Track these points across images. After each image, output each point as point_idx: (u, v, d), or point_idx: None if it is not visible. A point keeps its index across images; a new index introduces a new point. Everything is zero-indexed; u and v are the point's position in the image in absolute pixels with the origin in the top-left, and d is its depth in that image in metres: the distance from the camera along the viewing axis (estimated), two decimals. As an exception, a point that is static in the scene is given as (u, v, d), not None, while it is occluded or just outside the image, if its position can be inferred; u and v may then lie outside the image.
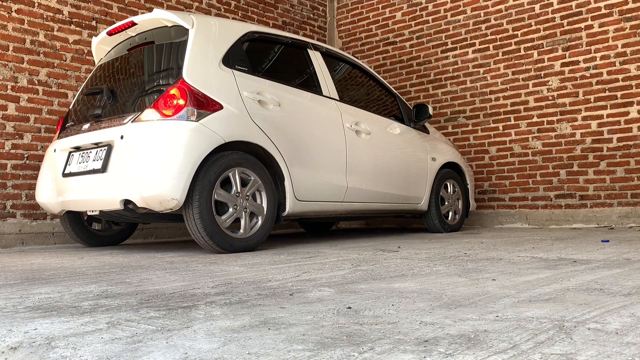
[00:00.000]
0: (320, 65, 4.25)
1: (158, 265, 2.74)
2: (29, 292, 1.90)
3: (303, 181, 3.75)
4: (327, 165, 3.97)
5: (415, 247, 3.46)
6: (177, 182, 3.09)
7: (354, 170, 4.21)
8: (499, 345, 1.06)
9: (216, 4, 6.06)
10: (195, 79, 3.35)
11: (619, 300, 1.50)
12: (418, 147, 4.96)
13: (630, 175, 5.42)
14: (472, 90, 6.37)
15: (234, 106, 3.43)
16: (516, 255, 2.82)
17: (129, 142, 3.28)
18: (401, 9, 6.95)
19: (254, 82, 3.64)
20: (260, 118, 3.54)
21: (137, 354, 1.07)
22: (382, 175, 4.49)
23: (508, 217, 6.11)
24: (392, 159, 4.63)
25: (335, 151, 4.05)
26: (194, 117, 3.23)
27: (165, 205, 3.13)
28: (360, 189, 4.26)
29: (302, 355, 1.03)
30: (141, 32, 3.84)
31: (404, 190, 4.73)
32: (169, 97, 3.28)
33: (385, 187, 4.53)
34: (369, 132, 4.40)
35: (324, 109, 4.07)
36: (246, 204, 3.40)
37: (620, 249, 3.00)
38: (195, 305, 1.58)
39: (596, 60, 5.61)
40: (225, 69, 3.52)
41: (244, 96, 3.52)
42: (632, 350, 1.01)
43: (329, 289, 1.83)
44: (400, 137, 4.79)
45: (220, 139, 3.28)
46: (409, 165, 4.80)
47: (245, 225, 3.37)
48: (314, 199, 3.87)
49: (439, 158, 5.16)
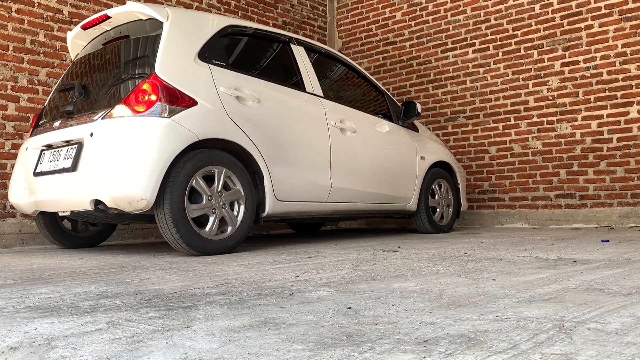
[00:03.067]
0: (304, 61, 4.11)
1: (158, 265, 2.74)
2: (29, 292, 1.90)
3: (284, 180, 3.63)
4: (309, 164, 3.84)
5: (415, 247, 3.46)
6: (146, 181, 2.97)
7: (339, 169, 4.08)
8: (499, 345, 1.06)
9: (216, 4, 6.06)
10: (168, 73, 3.22)
11: (619, 300, 1.50)
12: (406, 145, 4.84)
13: (630, 175, 5.42)
14: (472, 90, 6.37)
15: (209, 102, 3.30)
16: (516, 255, 2.82)
17: (99, 140, 3.16)
18: (401, 8, 6.95)
19: (232, 78, 3.51)
20: (237, 115, 3.42)
21: (137, 354, 1.07)
22: (368, 174, 4.36)
23: (508, 217, 6.11)
24: (379, 157, 4.50)
25: (318, 149, 3.91)
26: (165, 114, 3.10)
27: (135, 206, 3.01)
28: (345, 188, 4.14)
29: (302, 355, 1.03)
30: (116, 25, 3.73)
31: (391, 190, 4.61)
32: (140, 93, 3.15)
33: (372, 186, 4.41)
34: (354, 130, 4.26)
35: (307, 106, 3.93)
36: (221, 204, 3.27)
37: (620, 249, 3.00)
38: (195, 305, 1.58)
39: (596, 60, 5.61)
40: (201, 64, 3.39)
41: (221, 92, 3.38)
42: (632, 350, 1.01)
43: (329, 289, 1.83)
44: (388, 136, 4.67)
45: (194, 137, 3.15)
46: (396, 164, 4.67)
47: (212, 226, 3.21)
48: (295, 199, 3.74)
49: (428, 157, 5.03)
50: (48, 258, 3.33)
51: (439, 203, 5.12)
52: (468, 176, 6.38)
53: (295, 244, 4.01)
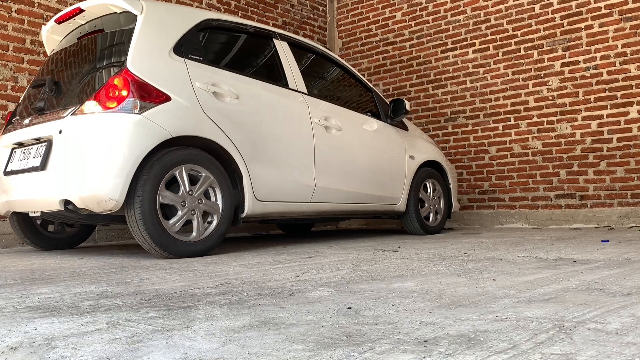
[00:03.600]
0: (287, 57, 3.97)
1: (158, 265, 2.74)
2: (29, 292, 1.90)
3: (264, 180, 3.50)
4: (292, 163, 3.70)
5: (415, 247, 3.46)
6: (115, 180, 2.86)
7: (323, 168, 3.94)
8: (499, 345, 1.06)
9: (216, 4, 6.06)
10: (140, 68, 3.09)
11: (619, 300, 1.50)
12: (395, 144, 4.71)
13: (630, 175, 5.42)
14: (472, 90, 6.37)
15: (184, 98, 3.17)
16: (516, 255, 2.82)
17: (67, 137, 3.05)
18: (401, 9, 6.95)
19: (210, 73, 3.37)
20: (214, 111, 3.28)
21: (137, 354, 1.07)
22: (354, 174, 4.23)
23: (508, 217, 6.11)
24: (366, 156, 4.36)
25: (301, 148, 3.78)
26: (137, 110, 2.97)
27: (103, 206, 2.89)
28: (330, 188, 4.00)
29: (302, 355, 1.03)
30: (91, 19, 3.59)
31: (379, 190, 4.47)
32: (110, 88, 3.02)
33: (358, 186, 4.27)
34: (340, 128, 4.13)
35: (290, 103, 3.80)
36: (198, 205, 3.14)
37: (620, 249, 3.00)
38: (195, 305, 1.58)
39: (596, 60, 5.61)
40: (176, 58, 3.26)
41: (197, 87, 3.25)
42: (632, 350, 1.01)
43: (329, 289, 1.83)
44: (376, 134, 4.54)
45: (166, 134, 3.02)
46: (384, 163, 4.53)
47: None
48: (276, 199, 3.61)
49: (417, 156, 4.89)
50: (48, 258, 3.33)
51: (429, 203, 4.99)
52: (468, 176, 6.39)
53: (295, 244, 4.01)
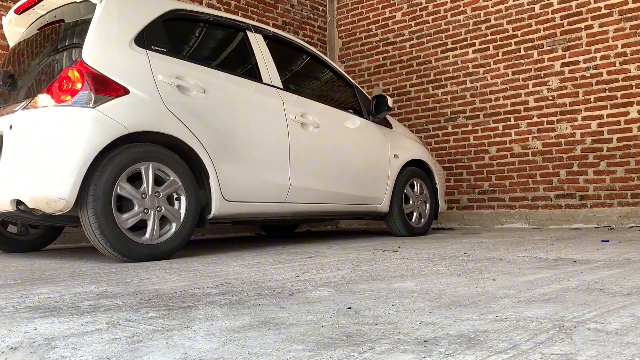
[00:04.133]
0: (262, 50, 3.78)
1: (158, 265, 2.74)
2: (29, 292, 1.90)
3: (233, 179, 3.33)
4: (264, 161, 3.53)
5: (415, 247, 3.46)
6: (65, 179, 2.70)
7: (299, 167, 3.76)
8: (499, 345, 1.06)
9: (216, 4, 6.06)
10: (97, 59, 2.93)
11: (619, 300, 1.50)
12: (377, 142, 4.53)
13: (630, 175, 5.42)
14: (472, 90, 6.37)
15: (143, 91, 2.99)
16: (516, 255, 2.82)
17: (17, 133, 2.90)
18: (401, 9, 6.95)
19: (175, 65, 3.20)
20: (178, 105, 3.11)
21: (137, 354, 1.07)
22: (333, 173, 4.05)
23: (508, 217, 6.11)
24: (346, 155, 4.19)
25: (275, 145, 3.61)
26: (91, 103, 2.81)
27: (53, 207, 2.73)
28: (307, 188, 3.82)
29: (302, 355, 1.03)
30: (51, 9, 3.46)
31: (360, 190, 4.30)
32: (64, 80, 2.87)
33: (338, 186, 4.09)
34: (317, 125, 3.95)
35: (263, 98, 3.62)
36: (157, 205, 2.95)
37: (620, 249, 3.00)
38: (195, 305, 1.58)
39: (596, 60, 5.61)
40: (137, 50, 3.09)
41: (159, 80, 3.08)
42: (632, 350, 1.01)
43: (329, 289, 1.83)
44: (357, 131, 4.38)
45: (123, 129, 2.85)
46: (365, 162, 4.36)
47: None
48: (247, 199, 3.43)
49: (402, 155, 4.71)
50: (48, 258, 3.33)
51: (414, 204, 4.81)
52: (468, 176, 6.39)
53: (295, 244, 4.01)
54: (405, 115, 6.87)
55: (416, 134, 6.78)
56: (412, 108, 6.81)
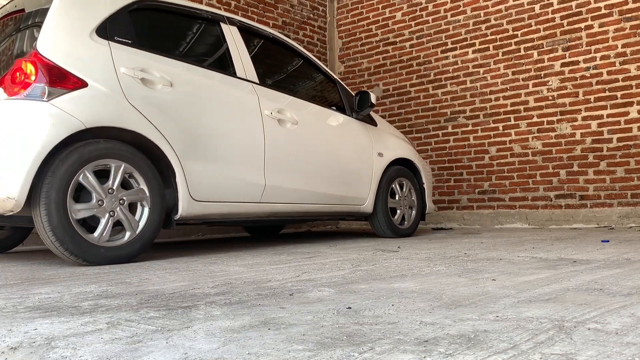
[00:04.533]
0: (237, 43, 3.62)
1: (158, 265, 2.74)
2: (29, 292, 1.90)
3: (203, 178, 3.18)
4: (237, 159, 3.37)
5: (415, 247, 3.46)
6: (14, 177, 2.55)
7: (275, 165, 3.60)
8: (499, 345, 1.06)
9: (216, 4, 6.06)
10: (52, 50, 2.79)
11: (619, 300, 1.50)
12: (361, 140, 4.37)
13: (630, 175, 5.42)
14: (472, 90, 6.37)
15: (103, 84, 2.83)
16: (516, 255, 2.82)
17: None
18: (401, 9, 6.95)
19: (140, 57, 3.04)
20: (141, 99, 2.94)
21: (137, 354, 1.07)
22: (312, 171, 3.88)
23: (508, 217, 6.11)
24: (327, 153, 4.02)
25: (249, 142, 3.45)
26: (45, 96, 2.67)
27: (2, 206, 2.60)
28: (284, 187, 3.66)
29: (302, 355, 1.03)
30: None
31: (342, 189, 4.13)
32: (17, 72, 2.73)
33: (317, 185, 3.92)
34: (295, 122, 3.77)
35: (237, 93, 3.46)
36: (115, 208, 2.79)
37: (620, 249, 3.00)
38: (195, 305, 1.58)
39: (596, 60, 5.61)
40: (98, 41, 2.92)
41: (121, 72, 2.92)
42: (632, 350, 1.01)
43: (329, 289, 1.83)
44: (339, 129, 4.21)
45: (79, 124, 2.69)
46: (348, 161, 4.20)
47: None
48: (218, 198, 3.28)
49: (387, 153, 4.54)
50: (48, 258, 3.33)
51: (400, 204, 4.64)
52: (468, 176, 6.39)
53: (295, 244, 4.01)
54: (405, 115, 6.87)
55: (416, 133, 6.78)
56: (412, 108, 6.81)
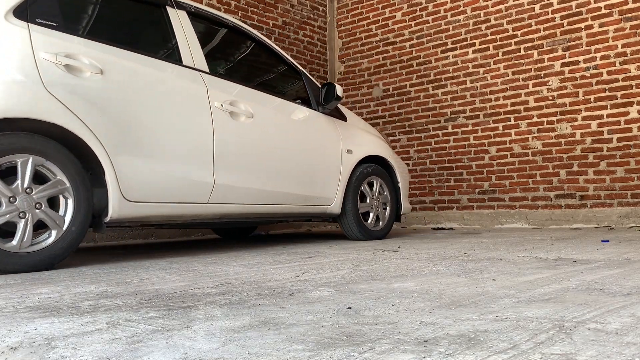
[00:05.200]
0: (185, 29, 3.33)
1: (158, 265, 2.74)
2: (29, 292, 1.90)
3: (138, 176, 2.88)
4: (180, 156, 3.09)
5: (415, 247, 3.46)
6: None
7: (226, 162, 3.32)
8: (499, 345, 1.06)
9: (216, 4, 6.06)
10: None
11: (619, 300, 1.50)
12: (327, 136, 4.08)
13: (630, 175, 5.42)
14: (472, 90, 6.37)
15: (19, 71, 2.56)
16: (516, 255, 2.82)
17: None
18: (401, 9, 6.95)
19: (65, 42, 2.75)
20: (64, 88, 2.66)
21: (137, 354, 1.07)
22: (271, 169, 3.61)
23: (508, 217, 6.11)
24: (288, 149, 3.75)
25: (194, 137, 3.17)
26: None
27: None
28: (237, 186, 3.39)
29: (302, 355, 1.03)
30: None
31: (305, 189, 3.85)
32: None
33: (277, 185, 3.65)
34: (251, 115, 3.49)
35: (181, 83, 3.18)
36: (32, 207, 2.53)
37: (620, 249, 3.00)
38: (195, 305, 1.58)
39: (596, 60, 5.61)
40: (16, 22, 2.64)
41: (40, 58, 2.63)
42: (632, 350, 1.01)
43: (329, 289, 1.83)
44: (302, 123, 3.92)
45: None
46: (312, 157, 3.91)
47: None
48: (157, 199, 2.99)
49: (357, 150, 4.27)
50: (48, 258, 3.33)
51: (372, 205, 4.37)
52: (468, 176, 6.39)
53: (295, 244, 4.01)
54: (405, 115, 6.87)
55: (416, 133, 6.78)
56: (412, 108, 6.81)
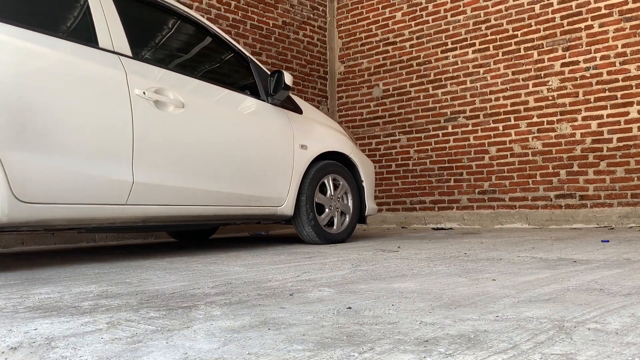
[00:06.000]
0: (104, 7, 2.94)
1: (158, 265, 2.74)
2: (29, 292, 1.90)
3: (37, 173, 2.50)
4: (90, 150, 2.69)
5: (415, 247, 3.46)
6: None
7: (149, 158, 2.93)
8: (499, 345, 1.06)
9: (216, 4, 6.06)
10: None
11: (619, 300, 1.50)
12: (277, 130, 3.69)
13: (630, 175, 5.42)
14: (472, 90, 6.37)
15: None
16: (516, 255, 2.82)
17: None
18: (401, 9, 6.95)
19: None
20: None
21: (137, 354, 1.07)
22: (205, 166, 3.22)
23: (508, 217, 6.11)
24: (227, 144, 3.36)
25: (109, 129, 2.77)
26: None
27: None
28: (163, 185, 2.98)
29: (302, 355, 1.03)
30: None
31: (248, 188, 3.47)
32: None
33: (212, 183, 3.25)
34: (182, 105, 3.09)
35: (94, 67, 2.77)
36: None
37: (620, 249, 3.00)
38: (195, 305, 1.58)
39: (596, 60, 5.61)
40: None
41: None
42: (632, 350, 1.01)
43: (329, 289, 1.83)
44: (246, 116, 3.54)
45: None
46: (258, 154, 3.54)
47: None
48: (61, 200, 2.60)
49: (312, 146, 3.91)
50: (48, 258, 3.33)
51: (331, 205, 4.00)
52: (468, 176, 6.38)
53: (295, 244, 4.01)
54: (405, 115, 6.87)
55: (416, 133, 6.78)
56: (412, 108, 6.81)
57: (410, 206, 6.79)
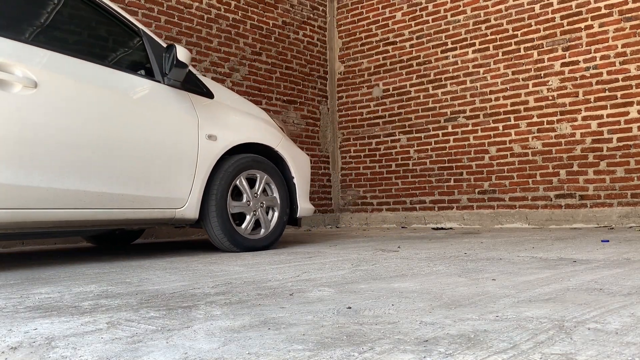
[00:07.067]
0: None
1: (158, 265, 2.74)
2: (29, 292, 1.90)
3: None
4: None
5: (415, 247, 3.46)
6: None
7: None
8: (499, 345, 1.06)
9: (216, 4, 6.06)
10: None
11: (619, 300, 1.50)
12: (174, 116, 3.13)
13: (630, 175, 5.42)
14: (472, 90, 6.37)
15: None
16: (516, 255, 2.82)
17: None
18: (401, 9, 6.95)
19: None
20: None
21: (137, 354, 1.07)
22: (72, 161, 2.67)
23: (508, 217, 6.11)
24: (100, 132, 2.78)
25: None
26: None
27: None
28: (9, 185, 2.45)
29: (302, 355, 1.03)
30: None
31: (133, 188, 2.93)
32: None
33: (78, 182, 2.70)
34: (34, 84, 2.53)
35: None
36: None
37: (620, 249, 3.00)
38: (195, 305, 1.58)
39: (596, 60, 5.61)
40: None
41: None
42: (632, 350, 1.01)
43: (329, 289, 1.83)
44: (132, 99, 2.96)
45: None
46: (147, 145, 2.99)
47: None
48: None
49: (224, 136, 3.36)
50: (48, 258, 3.33)
51: (250, 206, 3.46)
52: (468, 176, 6.38)
53: (295, 244, 4.01)
54: (405, 115, 6.87)
55: (416, 133, 6.77)
56: (412, 108, 6.81)
57: (410, 206, 6.79)
